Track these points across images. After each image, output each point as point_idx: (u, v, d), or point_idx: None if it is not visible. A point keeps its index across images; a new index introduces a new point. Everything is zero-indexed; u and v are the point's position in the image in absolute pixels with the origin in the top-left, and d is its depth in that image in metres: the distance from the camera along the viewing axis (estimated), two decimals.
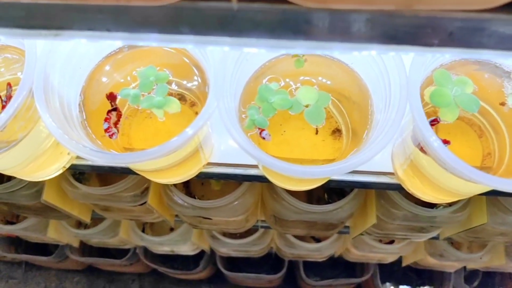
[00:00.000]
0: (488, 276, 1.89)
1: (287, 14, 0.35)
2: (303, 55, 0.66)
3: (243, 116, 0.63)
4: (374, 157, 0.80)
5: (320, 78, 0.66)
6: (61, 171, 0.80)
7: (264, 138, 0.64)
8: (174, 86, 0.69)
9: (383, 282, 1.88)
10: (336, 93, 0.69)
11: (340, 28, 0.35)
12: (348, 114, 0.69)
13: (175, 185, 1.12)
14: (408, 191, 0.76)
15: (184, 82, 0.68)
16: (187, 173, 0.76)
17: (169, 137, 0.55)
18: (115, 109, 0.65)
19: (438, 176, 0.63)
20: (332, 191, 1.17)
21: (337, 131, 0.72)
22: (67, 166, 0.80)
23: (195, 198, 1.08)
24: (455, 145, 0.71)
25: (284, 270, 1.68)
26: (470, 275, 1.88)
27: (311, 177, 0.54)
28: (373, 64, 0.59)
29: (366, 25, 0.35)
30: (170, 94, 0.68)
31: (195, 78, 0.67)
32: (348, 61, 0.65)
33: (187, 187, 1.17)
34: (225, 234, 1.46)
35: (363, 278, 1.68)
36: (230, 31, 0.36)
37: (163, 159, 0.65)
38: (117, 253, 1.85)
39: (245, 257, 1.65)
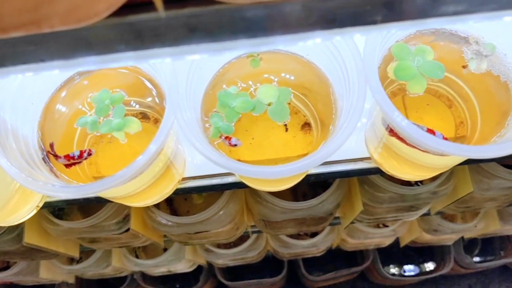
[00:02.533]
0: (488, 242, 1.90)
1: (221, 15, 0.33)
2: (258, 54, 0.64)
3: (207, 125, 0.61)
4: (349, 145, 0.79)
5: (280, 75, 0.65)
6: (35, 211, 0.78)
7: (235, 145, 0.62)
8: (135, 106, 0.67)
9: (386, 265, 1.88)
10: (298, 87, 0.68)
11: (278, 21, 0.34)
12: (313, 106, 0.68)
13: (157, 205, 1.10)
14: (387, 173, 0.75)
15: (143, 100, 0.66)
16: (163, 192, 0.74)
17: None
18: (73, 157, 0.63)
19: (413, 154, 0.62)
20: (317, 184, 1.15)
21: (306, 125, 0.71)
22: (41, 204, 0.77)
23: (177, 215, 1.06)
24: (426, 119, 0.70)
25: (284, 271, 1.67)
26: (469, 244, 1.89)
27: (282, 177, 0.53)
28: (327, 52, 0.58)
29: (303, 13, 0.34)
30: (132, 114, 0.66)
31: (153, 94, 0.65)
32: (303, 53, 0.63)
33: (170, 205, 1.14)
34: (219, 246, 1.44)
35: (364, 266, 1.67)
36: (167, 41, 0.35)
37: (134, 182, 0.63)
38: (116, 281, 1.82)
39: (244, 264, 1.64)
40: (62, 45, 0.35)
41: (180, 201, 1.13)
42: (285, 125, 0.72)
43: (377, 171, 0.76)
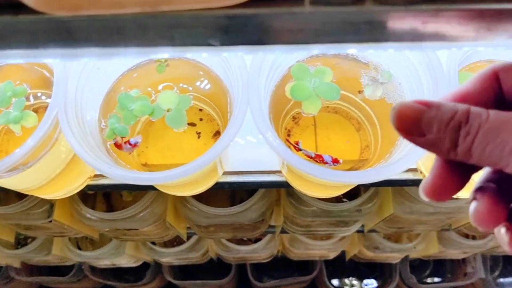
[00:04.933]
0: (440, 263, 1.91)
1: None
2: (165, 60, 0.65)
3: (103, 126, 0.62)
4: (265, 156, 0.79)
5: (184, 82, 0.66)
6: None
7: (136, 144, 0.62)
8: (45, 99, 0.68)
9: (335, 277, 1.89)
10: (210, 96, 0.69)
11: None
12: (222, 115, 0.69)
13: (91, 199, 1.11)
14: (295, 188, 0.76)
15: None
16: (71, 186, 0.75)
17: None
18: None
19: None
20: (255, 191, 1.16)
21: (218, 134, 0.72)
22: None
23: (113, 210, 1.07)
24: (334, 139, 0.72)
25: (232, 274, 1.68)
26: (421, 264, 1.90)
27: (156, 183, 0.54)
28: (224, 65, 0.59)
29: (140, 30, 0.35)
30: (39, 107, 0.67)
31: None
32: (208, 63, 0.64)
33: (107, 200, 1.15)
34: (165, 244, 1.45)
35: (310, 276, 1.68)
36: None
37: (34, 174, 0.64)
38: (67, 269, 1.82)
39: (197, 264, 1.64)
40: None
41: (116, 197, 1.14)
42: (198, 132, 0.73)
43: (289, 185, 0.77)
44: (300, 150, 0.62)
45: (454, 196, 0.75)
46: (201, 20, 0.35)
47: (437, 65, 0.53)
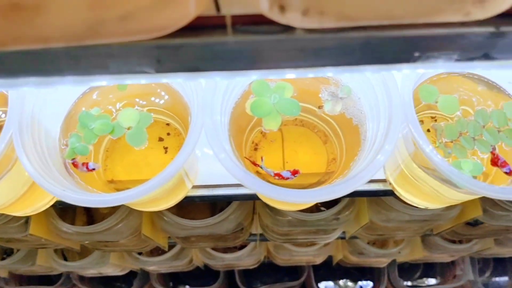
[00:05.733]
0: (430, 266, 1.91)
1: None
2: None
3: (63, 146, 0.62)
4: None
5: (146, 100, 0.66)
6: None
7: (93, 169, 0.62)
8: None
9: (325, 280, 1.89)
10: (174, 111, 0.69)
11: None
12: (187, 130, 0.69)
13: (71, 212, 1.10)
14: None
15: None
16: (43, 202, 0.75)
17: None
18: None
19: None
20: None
21: None
22: None
23: (94, 223, 1.07)
24: (301, 152, 0.72)
25: (220, 280, 1.68)
26: (411, 267, 1.91)
27: (116, 203, 0.54)
28: (182, 82, 0.59)
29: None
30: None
31: None
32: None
33: (88, 212, 1.15)
34: (152, 252, 1.45)
35: (299, 281, 1.68)
36: None
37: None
38: (57, 278, 1.82)
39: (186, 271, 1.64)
40: None
41: (97, 209, 1.14)
42: (165, 147, 0.73)
43: (256, 197, 0.77)
44: (259, 166, 0.61)
45: (422, 206, 0.74)
46: (132, 50, 0.35)
47: (391, 82, 0.53)
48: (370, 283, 1.91)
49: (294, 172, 0.63)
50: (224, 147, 0.53)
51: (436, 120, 0.69)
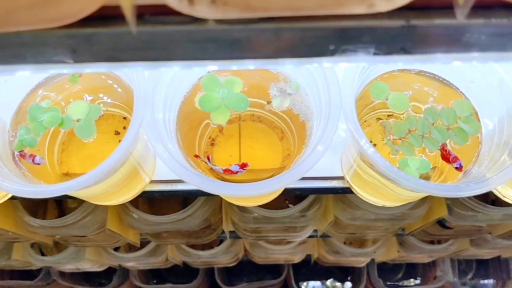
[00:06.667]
0: (412, 267, 1.92)
1: None
2: None
3: (11, 138, 0.62)
4: None
5: (98, 92, 0.66)
6: None
7: (38, 164, 0.62)
8: None
9: (307, 280, 1.89)
10: (127, 104, 0.69)
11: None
12: None
13: (42, 205, 1.11)
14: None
15: None
16: None
17: None
18: None
19: None
20: None
21: None
22: None
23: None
24: (257, 148, 0.72)
25: (200, 278, 1.68)
26: (393, 267, 1.91)
27: (57, 194, 0.54)
28: (130, 75, 0.59)
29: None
30: None
31: None
32: (119, 73, 0.65)
33: (60, 206, 1.15)
34: (130, 247, 1.45)
35: (278, 280, 1.68)
36: None
37: None
38: (39, 273, 1.82)
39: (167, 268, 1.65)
40: None
41: (67, 203, 1.14)
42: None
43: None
44: (207, 164, 0.62)
45: (380, 205, 0.74)
46: (45, 39, 0.35)
47: (332, 79, 0.53)
48: (349, 284, 1.91)
49: (243, 166, 0.63)
50: (166, 143, 0.53)
51: (394, 118, 0.69)
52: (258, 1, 0.31)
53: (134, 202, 1.03)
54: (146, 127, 0.52)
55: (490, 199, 1.06)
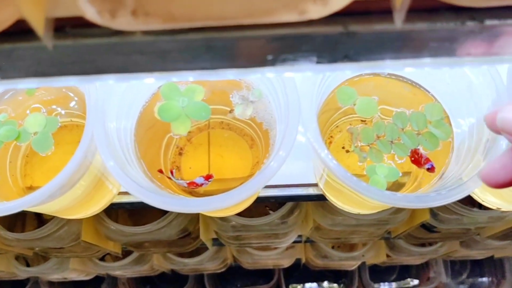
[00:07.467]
0: (405, 268, 1.89)
1: None
2: None
3: None
4: None
5: (58, 104, 0.64)
6: None
7: None
8: None
9: (302, 282, 1.88)
10: None
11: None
12: None
13: (20, 218, 1.09)
14: None
15: None
16: None
17: None
18: None
19: None
20: None
21: None
22: None
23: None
24: (226, 156, 0.70)
25: (189, 285, 1.66)
26: (387, 269, 1.88)
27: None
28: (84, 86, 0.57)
29: None
30: None
31: None
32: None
33: (39, 217, 1.13)
34: (115, 257, 1.43)
35: (269, 285, 1.66)
36: None
37: None
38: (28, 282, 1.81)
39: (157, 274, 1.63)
40: None
41: (45, 215, 1.12)
42: None
43: None
44: (170, 179, 0.60)
45: (354, 212, 0.71)
46: None
47: (290, 86, 0.51)
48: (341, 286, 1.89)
49: (208, 177, 0.61)
50: (121, 157, 0.51)
51: (366, 123, 0.67)
52: (182, 10, 0.29)
53: (114, 212, 1.01)
54: (96, 140, 0.50)
55: (477, 201, 1.04)
